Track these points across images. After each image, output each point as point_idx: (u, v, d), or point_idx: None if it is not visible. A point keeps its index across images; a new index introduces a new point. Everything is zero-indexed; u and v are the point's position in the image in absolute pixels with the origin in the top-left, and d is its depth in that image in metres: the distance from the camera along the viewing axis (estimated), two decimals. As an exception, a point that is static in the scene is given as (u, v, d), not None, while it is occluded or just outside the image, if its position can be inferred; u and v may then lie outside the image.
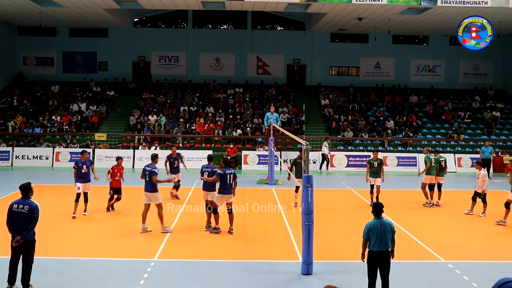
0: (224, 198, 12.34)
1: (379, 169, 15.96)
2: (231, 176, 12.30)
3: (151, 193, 12.33)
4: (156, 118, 28.56)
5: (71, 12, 27.55)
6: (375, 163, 16.04)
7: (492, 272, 9.82)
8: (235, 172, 12.55)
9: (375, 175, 15.95)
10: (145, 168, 12.47)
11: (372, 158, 16.21)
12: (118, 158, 15.07)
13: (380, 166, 16.00)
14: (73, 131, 27.71)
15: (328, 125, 29.32)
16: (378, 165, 16.00)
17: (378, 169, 15.94)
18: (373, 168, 15.95)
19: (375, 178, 15.98)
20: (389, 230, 7.95)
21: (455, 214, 15.30)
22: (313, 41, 33.76)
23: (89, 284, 8.93)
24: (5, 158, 24.97)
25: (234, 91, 32.23)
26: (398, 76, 34.10)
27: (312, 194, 9.55)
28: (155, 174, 12.24)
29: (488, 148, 23.60)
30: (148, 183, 12.32)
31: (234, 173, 12.47)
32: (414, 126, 29.10)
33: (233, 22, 34.39)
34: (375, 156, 16.20)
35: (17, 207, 8.37)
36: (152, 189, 12.32)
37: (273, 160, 20.57)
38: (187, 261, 10.37)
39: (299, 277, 9.52)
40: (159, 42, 33.47)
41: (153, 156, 12.80)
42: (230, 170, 12.41)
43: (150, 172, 12.27)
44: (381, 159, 16.53)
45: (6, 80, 32.64)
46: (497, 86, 34.36)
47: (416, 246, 11.66)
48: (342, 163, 25.28)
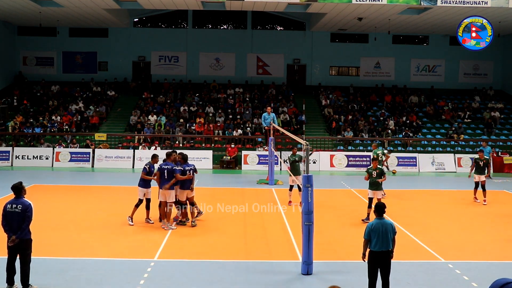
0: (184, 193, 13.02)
1: (379, 177, 13.53)
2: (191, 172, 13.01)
3: (168, 191, 12.60)
4: (156, 118, 28.56)
5: (71, 12, 27.55)
6: (374, 173, 13.62)
7: (492, 272, 9.81)
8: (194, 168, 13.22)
9: (374, 187, 13.55)
10: (161, 166, 12.74)
11: (371, 167, 13.88)
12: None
13: (381, 176, 13.57)
14: (73, 131, 27.72)
15: (328, 125, 29.32)
16: (378, 176, 13.55)
17: (379, 178, 13.51)
18: (372, 178, 13.61)
19: (375, 190, 13.60)
20: (390, 230, 7.92)
21: (455, 214, 15.29)
22: (313, 41, 33.76)
23: (89, 284, 8.92)
24: (5, 158, 24.96)
25: (234, 91, 32.23)
26: (398, 76, 34.10)
27: (312, 194, 9.54)
28: (176, 171, 12.59)
29: (487, 148, 23.61)
30: (166, 181, 12.57)
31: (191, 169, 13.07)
32: (414, 126, 29.10)
33: (233, 22, 34.39)
34: (374, 165, 13.79)
35: (10, 207, 8.40)
36: (170, 187, 12.61)
37: (273, 160, 20.57)
38: (187, 261, 10.37)
39: (299, 277, 9.52)
40: (159, 42, 33.47)
41: (167, 154, 13.11)
42: (190, 166, 13.11)
43: (170, 170, 12.60)
44: (382, 169, 13.87)
45: (6, 80, 32.64)
46: (497, 86, 34.36)
47: (416, 246, 11.66)
48: (342, 163, 25.28)
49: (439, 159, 25.40)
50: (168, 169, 12.64)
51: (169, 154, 13.07)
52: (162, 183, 12.67)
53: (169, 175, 12.59)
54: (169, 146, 26.14)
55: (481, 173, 16.58)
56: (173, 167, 12.66)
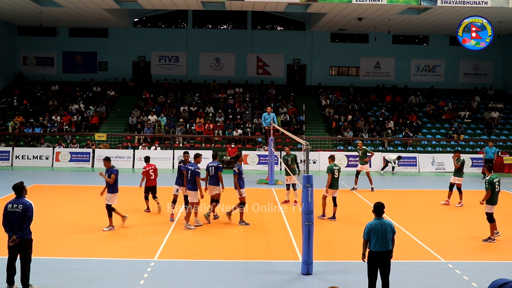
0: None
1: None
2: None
3: (191, 191, 12.86)
4: (156, 118, 28.56)
5: (71, 12, 27.55)
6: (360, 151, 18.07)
7: (492, 272, 9.82)
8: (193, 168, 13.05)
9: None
10: (187, 167, 13.03)
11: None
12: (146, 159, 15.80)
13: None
14: (73, 131, 27.72)
15: (328, 125, 29.32)
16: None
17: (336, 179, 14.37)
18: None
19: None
20: (389, 230, 7.92)
21: (455, 214, 15.29)
22: (313, 41, 33.76)
23: (89, 284, 8.92)
24: (5, 158, 24.96)
25: (234, 91, 32.23)
26: (398, 76, 34.10)
27: (312, 194, 9.54)
28: (198, 174, 12.82)
29: (492, 148, 23.58)
30: (189, 182, 12.86)
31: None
32: (414, 126, 29.10)
33: (233, 22, 34.38)
34: (360, 144, 18.20)
35: (11, 207, 8.41)
36: (192, 187, 12.83)
37: (273, 160, 20.59)
38: (187, 261, 10.37)
39: (299, 277, 9.52)
40: (159, 42, 33.47)
41: (196, 156, 13.45)
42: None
43: (193, 171, 12.83)
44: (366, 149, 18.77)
45: (6, 80, 32.64)
46: (497, 86, 34.37)
47: (416, 246, 11.66)
48: (342, 163, 25.26)
49: (439, 159, 25.39)
50: (192, 170, 12.92)
51: (196, 155, 13.56)
52: (187, 183, 13.08)
53: (192, 176, 12.88)
54: (169, 146, 26.17)
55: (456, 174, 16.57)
56: (196, 169, 12.92)
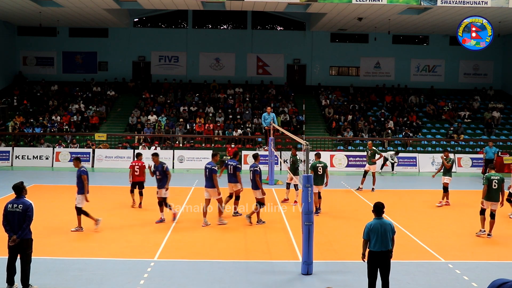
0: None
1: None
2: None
3: (211, 189, 13.09)
4: (156, 118, 28.56)
5: (71, 12, 27.55)
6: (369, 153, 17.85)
7: (492, 272, 9.82)
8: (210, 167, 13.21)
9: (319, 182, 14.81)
10: (206, 166, 13.22)
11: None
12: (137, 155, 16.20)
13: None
14: (73, 131, 27.71)
15: (328, 125, 29.32)
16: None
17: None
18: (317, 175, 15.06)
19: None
20: (389, 230, 7.91)
21: (455, 214, 15.30)
22: (313, 41, 33.76)
23: (89, 284, 8.92)
24: (5, 158, 24.97)
25: (234, 91, 32.23)
26: (398, 76, 34.10)
27: (312, 194, 9.54)
28: (215, 172, 13.03)
29: (492, 148, 23.59)
30: (208, 180, 13.10)
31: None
32: (414, 126, 29.10)
33: (233, 22, 34.39)
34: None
35: (11, 207, 8.41)
36: (211, 185, 13.05)
37: (273, 160, 20.58)
38: (187, 261, 10.37)
39: (299, 277, 9.52)
40: (159, 42, 33.47)
41: (213, 154, 13.68)
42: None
43: (210, 170, 13.05)
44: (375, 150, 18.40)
45: (6, 80, 32.64)
46: (497, 86, 34.37)
47: (416, 246, 11.66)
48: (342, 163, 25.28)
49: (439, 159, 25.35)
50: (209, 168, 13.11)
51: (214, 154, 13.74)
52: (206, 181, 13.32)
53: (209, 174, 13.08)
54: (169, 146, 26.16)
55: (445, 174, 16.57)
56: (212, 167, 13.08)
